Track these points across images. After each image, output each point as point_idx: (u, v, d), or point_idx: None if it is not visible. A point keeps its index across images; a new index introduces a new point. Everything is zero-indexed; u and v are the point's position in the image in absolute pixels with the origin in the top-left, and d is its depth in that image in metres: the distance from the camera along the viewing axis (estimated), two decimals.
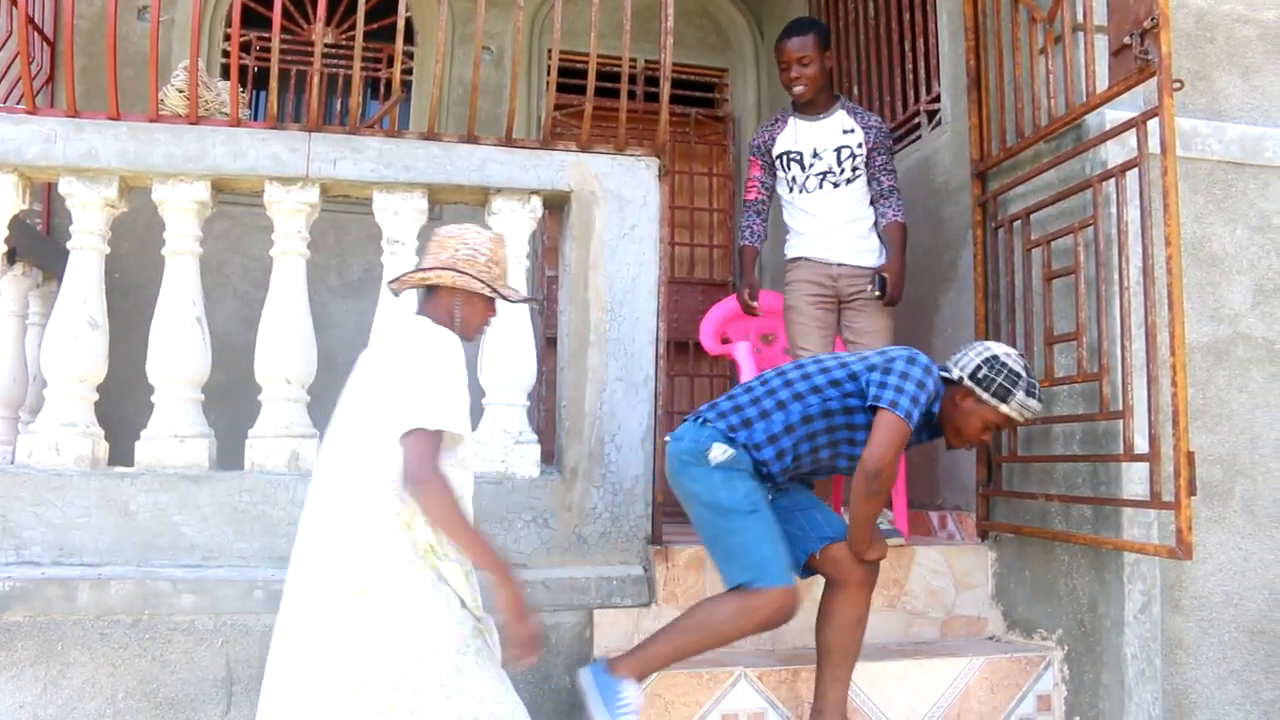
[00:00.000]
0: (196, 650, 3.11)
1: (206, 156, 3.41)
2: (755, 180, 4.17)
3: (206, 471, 3.34)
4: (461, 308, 2.62)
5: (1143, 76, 3.03)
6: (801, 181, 4.08)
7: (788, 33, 4.05)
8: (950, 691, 3.29)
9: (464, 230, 2.66)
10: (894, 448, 2.82)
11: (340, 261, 5.81)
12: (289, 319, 3.46)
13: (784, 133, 4.11)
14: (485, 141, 3.60)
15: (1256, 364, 3.45)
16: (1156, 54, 2.95)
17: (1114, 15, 3.14)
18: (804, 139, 4.07)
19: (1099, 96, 3.24)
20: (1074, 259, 3.35)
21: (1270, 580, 3.40)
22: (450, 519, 2.34)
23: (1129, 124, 3.14)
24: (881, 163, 4.06)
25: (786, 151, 4.10)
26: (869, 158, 4.05)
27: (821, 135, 4.06)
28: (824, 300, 4.02)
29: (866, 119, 4.07)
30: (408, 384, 2.37)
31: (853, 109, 4.10)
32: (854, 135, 4.04)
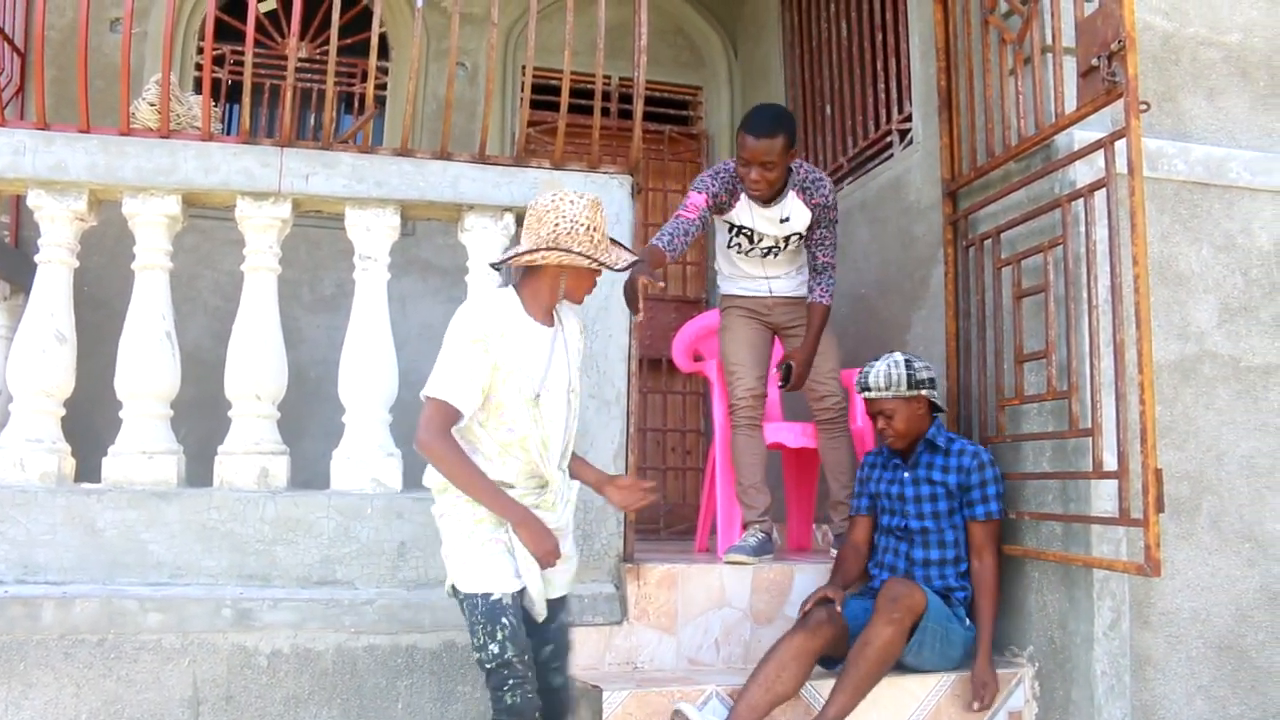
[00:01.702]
0: (163, 670, 3.08)
1: (178, 170, 3.39)
2: (696, 208, 3.77)
3: (175, 488, 3.31)
4: (567, 280, 2.77)
5: (1110, 98, 3.07)
6: (746, 250, 4.03)
7: (755, 131, 3.68)
8: (922, 710, 3.30)
9: (559, 201, 2.71)
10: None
11: (312, 276, 5.78)
12: (260, 335, 3.44)
13: (739, 207, 3.91)
14: (458, 158, 3.60)
15: (1222, 381, 3.49)
16: (1124, 76, 2.99)
17: (1082, 38, 3.19)
18: (755, 220, 3.94)
19: (1067, 118, 3.28)
20: (1043, 277, 3.38)
21: (1237, 596, 3.43)
22: (454, 477, 2.65)
23: (1097, 145, 3.18)
24: (820, 236, 3.94)
25: (739, 226, 3.98)
26: (810, 230, 3.95)
27: (771, 220, 3.92)
28: (758, 321, 4.08)
29: (814, 194, 3.87)
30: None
31: (803, 185, 3.86)
32: (797, 220, 3.91)
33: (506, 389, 2.67)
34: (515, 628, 2.61)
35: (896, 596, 3.20)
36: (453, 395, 2.61)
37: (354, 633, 3.20)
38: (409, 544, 3.37)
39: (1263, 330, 3.57)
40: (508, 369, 2.66)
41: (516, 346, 2.68)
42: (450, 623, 3.24)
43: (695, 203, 3.78)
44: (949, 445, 3.51)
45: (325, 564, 3.32)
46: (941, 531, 3.48)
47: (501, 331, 2.66)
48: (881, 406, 3.51)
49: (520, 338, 2.70)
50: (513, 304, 2.75)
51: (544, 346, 2.76)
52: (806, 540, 4.73)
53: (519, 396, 2.68)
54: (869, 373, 3.53)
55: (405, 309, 5.71)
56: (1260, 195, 3.62)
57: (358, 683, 3.19)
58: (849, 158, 5.14)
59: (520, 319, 2.73)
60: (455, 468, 2.63)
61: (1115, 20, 3.01)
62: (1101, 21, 3.08)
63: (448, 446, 2.62)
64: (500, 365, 2.65)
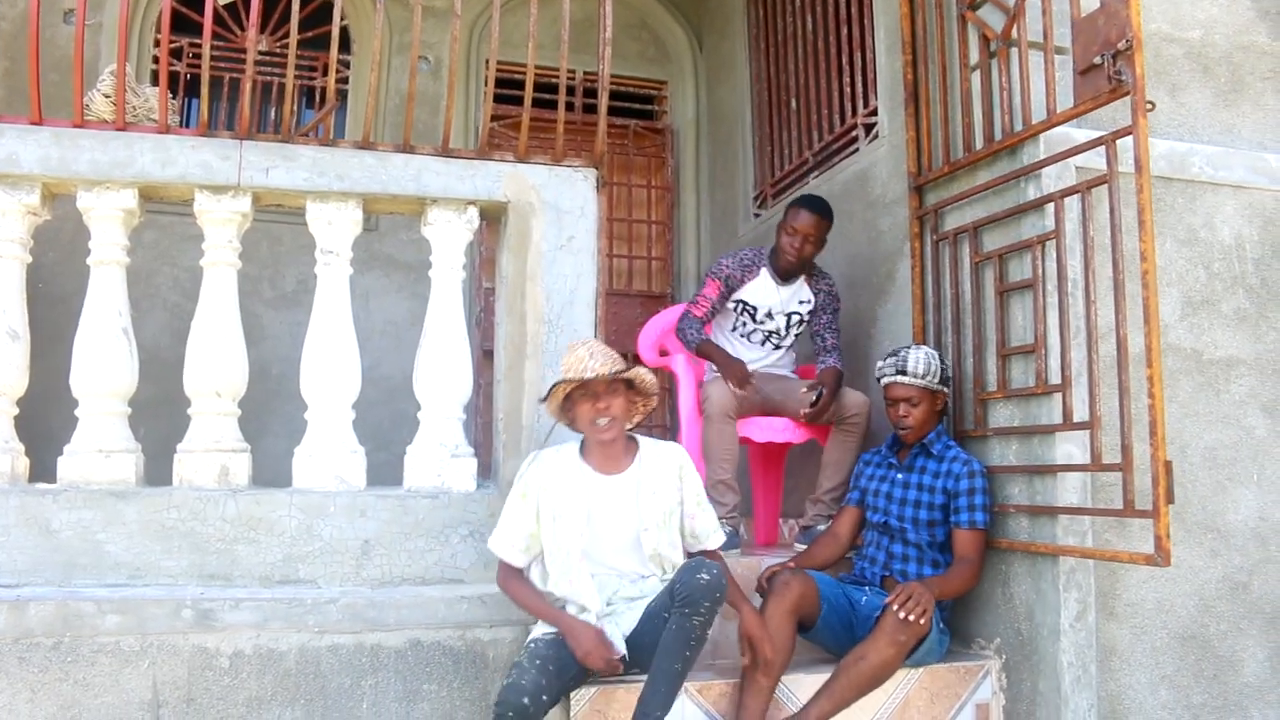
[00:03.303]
0: (121, 673, 3.02)
1: (134, 163, 3.33)
2: (708, 301, 4.23)
3: (133, 487, 3.25)
4: (572, 418, 3.14)
5: (1114, 96, 3.08)
6: (746, 331, 4.31)
7: (813, 208, 4.13)
8: (890, 703, 3.29)
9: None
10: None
11: (274, 272, 5.72)
12: (219, 331, 3.38)
13: (754, 282, 4.24)
14: (421, 151, 3.56)
15: (1185, 374, 3.51)
16: (1130, 75, 2.99)
17: (1080, 36, 3.18)
18: (767, 297, 4.25)
19: (1062, 114, 3.28)
20: (1034, 272, 3.37)
21: (1200, 586, 3.45)
22: (526, 608, 3.12)
23: (1098, 141, 3.18)
24: (826, 321, 4.26)
25: (745, 301, 4.25)
26: (814, 315, 4.29)
27: (784, 299, 4.26)
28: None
29: (819, 283, 4.29)
30: None
31: (813, 274, 4.28)
32: (807, 304, 4.28)
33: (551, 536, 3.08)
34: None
35: (909, 622, 3.18)
36: (494, 545, 3.14)
37: (317, 632, 3.15)
38: (373, 542, 3.33)
39: (1224, 324, 3.60)
40: (549, 516, 3.08)
41: (559, 497, 3.09)
42: (415, 621, 3.21)
43: (708, 295, 4.23)
44: (944, 453, 3.52)
45: (288, 563, 3.27)
46: (919, 532, 3.48)
47: (542, 485, 3.10)
48: (910, 393, 3.51)
49: (566, 488, 3.10)
50: (567, 456, 3.17)
51: (598, 494, 3.12)
52: (773, 535, 4.73)
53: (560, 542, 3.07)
54: (907, 357, 3.51)
55: (368, 305, 5.66)
56: (1222, 190, 3.65)
57: (321, 683, 3.15)
58: (814, 152, 5.13)
59: (572, 470, 3.14)
60: (526, 603, 3.11)
61: (1121, 20, 3.01)
62: (1104, 20, 3.07)
63: (514, 587, 3.13)
64: (542, 514, 3.09)
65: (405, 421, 3.65)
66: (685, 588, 2.85)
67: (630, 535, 3.13)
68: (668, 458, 3.20)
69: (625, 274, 6.55)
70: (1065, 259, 3.29)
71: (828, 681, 3.21)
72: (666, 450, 3.22)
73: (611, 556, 3.14)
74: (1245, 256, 3.66)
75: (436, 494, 3.40)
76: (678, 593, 2.87)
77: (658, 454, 3.20)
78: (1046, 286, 3.35)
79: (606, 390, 3.04)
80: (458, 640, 3.25)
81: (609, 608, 3.09)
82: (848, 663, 3.21)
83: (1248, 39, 3.82)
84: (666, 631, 2.88)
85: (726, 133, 6.27)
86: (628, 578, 3.16)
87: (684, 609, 2.84)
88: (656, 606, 3.01)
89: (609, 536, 3.12)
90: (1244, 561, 3.52)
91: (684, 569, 2.93)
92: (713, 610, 2.88)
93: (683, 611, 2.85)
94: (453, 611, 3.25)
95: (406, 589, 3.30)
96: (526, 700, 2.74)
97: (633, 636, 3.02)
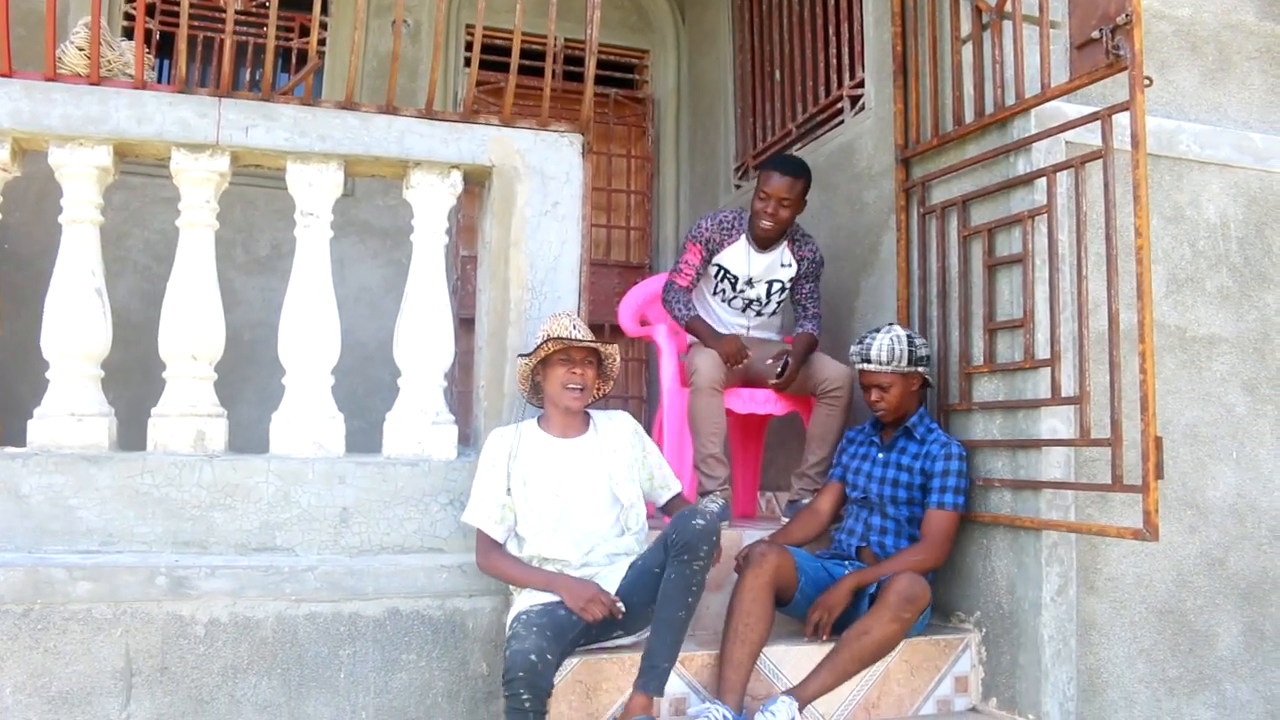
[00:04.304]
0: (94, 640, 2.96)
1: (109, 119, 3.24)
2: (691, 267, 4.11)
3: (106, 452, 3.18)
4: (543, 386, 3.27)
5: (1111, 70, 3.06)
6: (729, 297, 4.21)
7: (782, 169, 3.96)
8: (871, 675, 3.29)
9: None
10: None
11: (247, 237, 5.61)
12: (196, 292, 3.31)
13: (733, 247, 4.11)
14: (405, 113, 3.49)
15: (1169, 351, 3.52)
16: (1129, 50, 2.97)
17: (1077, 9, 3.16)
18: (747, 265, 4.12)
19: (1057, 89, 3.26)
20: (1024, 246, 3.35)
21: (1178, 561, 3.48)
22: (512, 580, 3.14)
23: (1094, 116, 3.16)
24: (809, 290, 4.18)
25: (726, 268, 4.14)
26: (796, 284, 4.18)
27: (763, 266, 4.13)
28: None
29: (803, 249, 4.14)
30: None
31: (795, 237, 4.14)
32: (789, 270, 4.15)
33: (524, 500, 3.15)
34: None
35: (913, 597, 3.18)
36: (469, 517, 3.18)
37: (294, 601, 3.10)
38: (351, 509, 3.28)
39: (1208, 301, 3.61)
40: (519, 481, 3.16)
41: (526, 462, 3.18)
42: (394, 590, 3.17)
43: (689, 261, 4.11)
44: (925, 435, 3.51)
45: (265, 530, 3.22)
46: (898, 509, 3.49)
47: (510, 453, 3.18)
48: (878, 380, 3.49)
49: (531, 454, 3.20)
50: (527, 428, 3.27)
51: (563, 456, 3.22)
52: (751, 508, 4.71)
53: (532, 503, 3.14)
54: (870, 345, 3.50)
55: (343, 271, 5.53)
56: (1208, 168, 3.65)
57: (298, 652, 3.10)
58: (798, 124, 5.09)
59: (535, 438, 3.24)
60: (507, 574, 3.13)
61: None
62: None
63: (492, 561, 3.15)
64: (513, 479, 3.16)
65: (380, 389, 3.61)
66: (682, 534, 2.92)
67: (602, 491, 3.23)
68: (620, 421, 3.39)
69: (603, 244, 6.49)
70: (1056, 234, 3.27)
71: (829, 655, 3.20)
72: (617, 415, 3.42)
73: (584, 517, 3.20)
74: (1230, 235, 3.66)
75: (417, 461, 3.35)
76: (674, 541, 2.93)
77: (610, 420, 3.38)
78: (1036, 261, 3.33)
79: (583, 359, 3.20)
80: (437, 610, 3.22)
81: (585, 567, 3.12)
82: (850, 637, 3.20)
83: (1236, 18, 3.81)
84: (666, 581, 2.93)
85: (708, 103, 6.22)
86: (601, 537, 3.20)
87: (682, 555, 2.91)
88: (646, 563, 3.05)
89: (580, 495, 3.19)
90: (1221, 538, 3.55)
91: (678, 518, 2.98)
92: (710, 554, 2.95)
93: (681, 558, 2.91)
94: (432, 580, 3.21)
95: (385, 557, 3.25)
96: (534, 658, 2.75)
97: (623, 598, 3.03)
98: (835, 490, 3.70)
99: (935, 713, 3.41)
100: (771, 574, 3.22)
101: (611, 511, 3.24)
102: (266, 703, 3.07)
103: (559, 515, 3.15)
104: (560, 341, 3.13)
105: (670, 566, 2.94)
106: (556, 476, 3.18)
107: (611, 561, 3.17)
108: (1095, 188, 3.26)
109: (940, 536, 3.40)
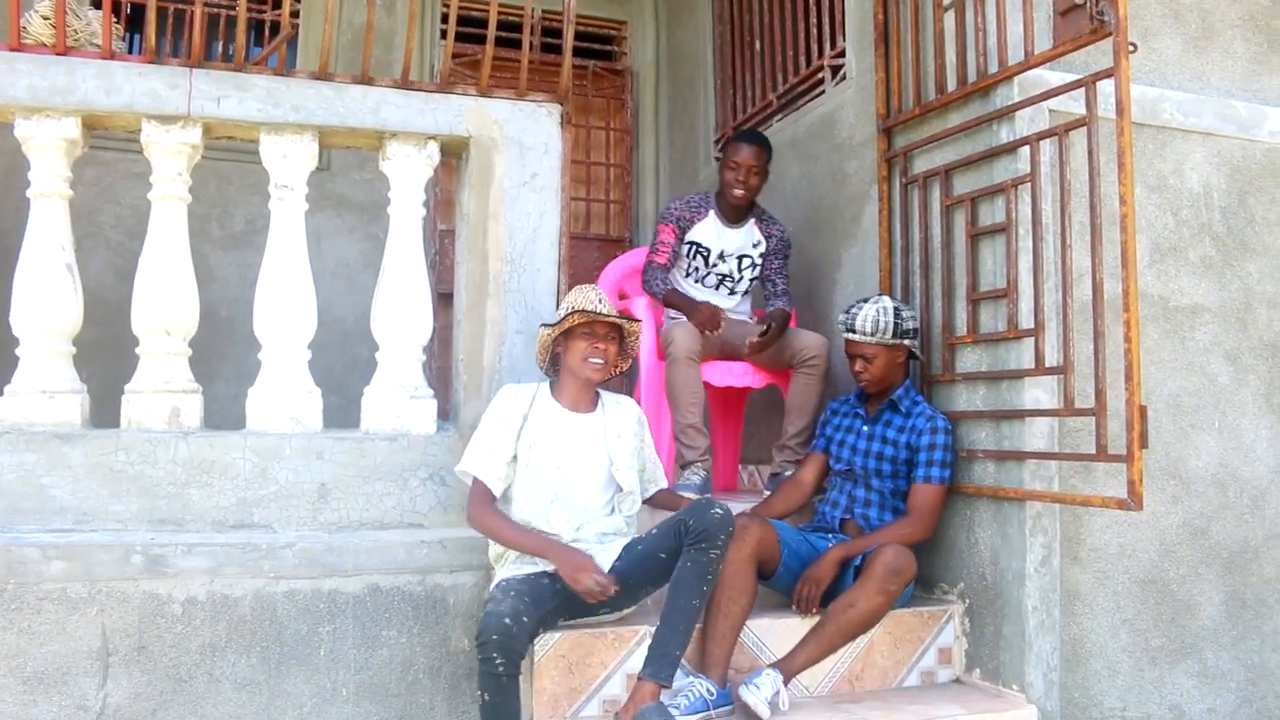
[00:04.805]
0: (69, 620, 2.91)
1: (76, 90, 3.17)
2: (667, 246, 4.21)
3: (79, 429, 3.13)
4: (563, 357, 3.20)
5: (1095, 37, 3.03)
6: (701, 274, 4.28)
7: (747, 140, 4.15)
8: (854, 647, 3.28)
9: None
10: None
11: (222, 212, 5.53)
12: (169, 266, 3.25)
13: (703, 223, 4.23)
14: (381, 83, 3.44)
15: (1151, 321, 3.51)
16: (1113, 15, 2.94)
17: None
18: (718, 239, 4.23)
19: (1040, 56, 3.22)
20: (1007, 215, 3.32)
21: (1161, 531, 3.48)
22: (503, 539, 3.04)
23: (1077, 84, 3.13)
24: (778, 266, 4.29)
25: (698, 243, 4.23)
26: (765, 260, 4.29)
27: (733, 241, 4.24)
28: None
29: (770, 227, 4.29)
30: None
31: (761, 217, 4.29)
32: (759, 247, 4.27)
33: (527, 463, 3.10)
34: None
35: (899, 569, 3.17)
36: (466, 463, 3.11)
37: (273, 578, 3.06)
38: (330, 485, 3.24)
39: (1191, 271, 3.59)
40: (527, 443, 3.11)
41: (535, 425, 3.13)
42: (374, 566, 3.13)
43: (665, 241, 4.19)
44: (910, 409, 3.50)
45: (242, 507, 3.18)
46: (883, 480, 3.47)
47: (522, 412, 3.13)
48: (863, 350, 3.47)
49: (542, 418, 3.16)
50: (540, 391, 3.22)
51: (569, 429, 3.18)
52: (733, 481, 4.70)
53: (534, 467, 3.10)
54: (855, 315, 3.47)
55: (320, 246, 5.50)
56: (1191, 137, 3.63)
57: (277, 630, 3.07)
58: (779, 94, 5.04)
59: (546, 403, 3.20)
60: (499, 533, 3.03)
61: None
62: None
63: (484, 517, 3.04)
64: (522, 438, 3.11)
65: (358, 365, 3.56)
66: (700, 521, 2.94)
67: (600, 473, 3.21)
68: (627, 407, 3.35)
69: (583, 218, 6.44)
70: (1040, 203, 3.25)
71: (815, 628, 3.19)
72: (625, 401, 3.38)
73: (580, 494, 3.17)
74: (1213, 204, 3.65)
75: (395, 436, 3.32)
76: (692, 528, 2.94)
77: (618, 404, 3.34)
78: (1019, 230, 3.31)
79: (606, 334, 3.18)
80: (417, 585, 3.18)
81: (575, 543, 3.08)
82: (836, 610, 3.19)
83: None
84: (681, 570, 2.93)
85: (687, 74, 6.15)
86: (592, 515, 3.18)
87: (700, 543, 2.92)
88: (650, 547, 3.03)
89: (579, 472, 3.17)
90: (1204, 507, 3.55)
91: (695, 506, 3.01)
92: (727, 544, 2.98)
93: (699, 546, 2.92)
94: (412, 556, 3.17)
95: (365, 533, 3.22)
96: (509, 620, 2.73)
97: (617, 577, 3.00)
98: (818, 462, 3.68)
99: (919, 684, 3.40)
100: (754, 547, 3.20)
101: (605, 493, 3.23)
102: (245, 681, 3.03)
103: (558, 487, 3.13)
104: (585, 315, 3.10)
105: (686, 554, 2.94)
106: (560, 448, 3.15)
107: (602, 540, 3.14)
108: (1079, 156, 3.24)
109: (927, 510, 3.38)
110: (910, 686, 3.39)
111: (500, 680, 2.74)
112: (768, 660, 3.21)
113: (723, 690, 3.02)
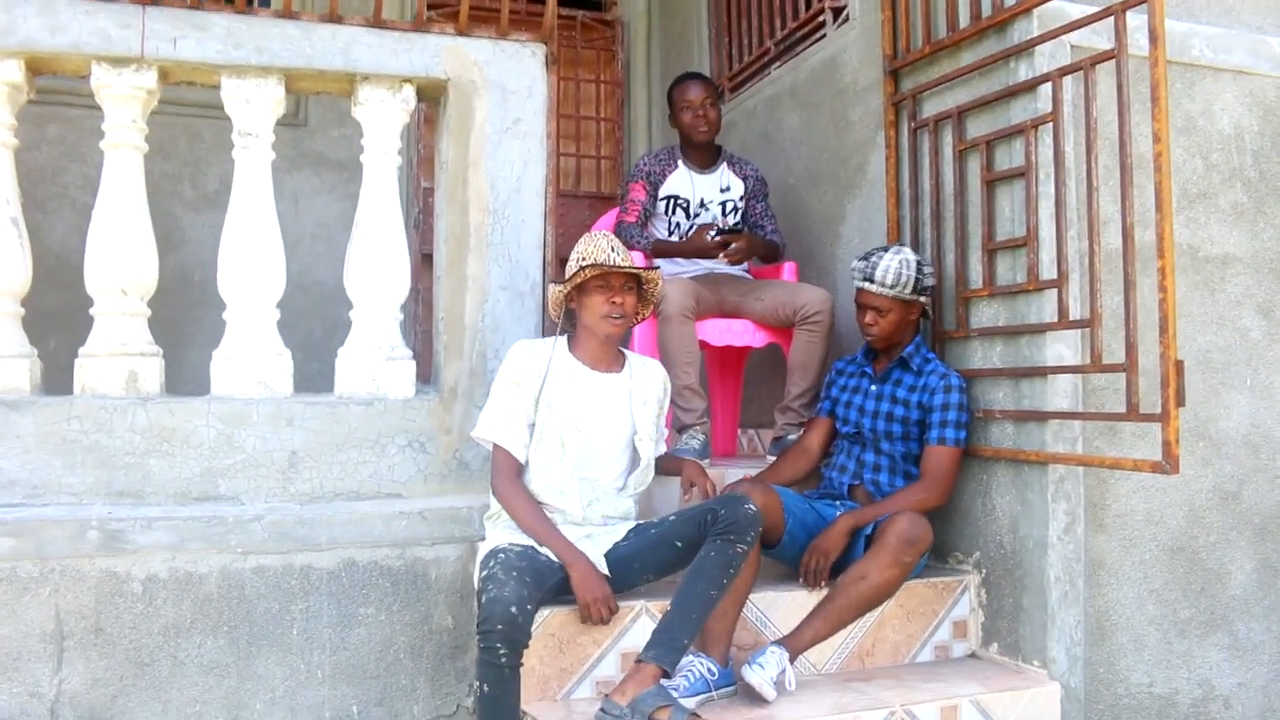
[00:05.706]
0: (19, 602, 2.70)
1: (17, 30, 2.93)
2: (639, 204, 4.06)
3: (29, 396, 2.92)
4: (578, 313, 3.00)
5: None
6: (685, 229, 4.11)
7: (691, 78, 4.10)
8: (865, 621, 3.09)
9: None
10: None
11: (194, 171, 5.27)
12: (124, 220, 3.03)
13: (675, 175, 4.11)
14: (351, 22, 3.20)
15: (1180, 272, 3.27)
16: None
17: None
18: (693, 188, 4.11)
19: None
20: (1027, 159, 3.08)
21: (1190, 496, 3.27)
22: (522, 521, 2.85)
23: (1107, 12, 2.88)
24: (761, 209, 4.18)
25: (674, 195, 4.10)
26: (748, 205, 4.17)
27: (709, 188, 4.12)
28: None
29: (744, 169, 4.20)
30: None
31: (733, 160, 4.21)
32: (735, 190, 4.15)
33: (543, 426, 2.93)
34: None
35: (914, 539, 2.97)
36: (481, 430, 2.94)
37: (241, 553, 2.85)
38: (301, 453, 3.03)
39: (1221, 218, 3.36)
40: (545, 404, 2.92)
41: (553, 385, 2.94)
42: (349, 539, 2.93)
43: (636, 199, 4.05)
44: (922, 366, 3.28)
45: (206, 477, 2.97)
46: (893, 444, 3.26)
47: (536, 372, 2.93)
48: (877, 302, 3.24)
49: (560, 378, 2.96)
50: (558, 348, 3.01)
51: (592, 389, 2.99)
52: (732, 446, 4.49)
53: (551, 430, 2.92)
54: (876, 264, 3.23)
55: (298, 207, 5.27)
56: (1222, 75, 3.39)
57: (246, 608, 2.86)
58: (776, 41, 4.79)
59: (565, 361, 3.00)
60: (518, 511, 2.86)
61: None
62: None
63: (509, 489, 2.88)
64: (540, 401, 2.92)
65: (338, 330, 3.34)
66: (733, 514, 2.78)
67: (621, 439, 3.05)
68: (655, 372, 3.19)
69: (573, 174, 6.18)
70: (1062, 144, 3.01)
71: (823, 602, 2.99)
72: (653, 365, 3.22)
73: (597, 462, 3.00)
74: (1245, 148, 3.41)
75: (371, 400, 3.10)
76: (724, 518, 2.78)
77: (645, 367, 3.17)
78: (1040, 174, 3.07)
79: (622, 285, 2.96)
80: (396, 560, 2.98)
81: (583, 525, 2.94)
82: (846, 582, 2.98)
83: None
84: (704, 558, 2.76)
85: (681, 24, 5.88)
86: (605, 489, 3.02)
87: (728, 534, 2.76)
88: (664, 534, 2.88)
89: (600, 436, 2.99)
90: (1235, 470, 3.33)
91: (727, 499, 2.85)
92: (754, 542, 2.81)
93: (727, 538, 2.76)
94: (390, 528, 2.96)
95: (339, 504, 3.01)
96: (514, 610, 2.53)
97: (619, 560, 2.86)
98: (825, 425, 3.47)
99: (933, 659, 3.21)
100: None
101: (622, 461, 3.06)
102: (213, 663, 2.83)
103: (580, 453, 2.94)
104: (598, 268, 2.88)
105: (711, 544, 2.76)
106: (581, 409, 2.96)
107: (607, 524, 2.97)
108: (1105, 93, 3.00)
109: (942, 474, 3.17)
110: (924, 662, 3.20)
111: (503, 672, 2.54)
112: (772, 636, 3.01)
113: (725, 669, 2.82)
